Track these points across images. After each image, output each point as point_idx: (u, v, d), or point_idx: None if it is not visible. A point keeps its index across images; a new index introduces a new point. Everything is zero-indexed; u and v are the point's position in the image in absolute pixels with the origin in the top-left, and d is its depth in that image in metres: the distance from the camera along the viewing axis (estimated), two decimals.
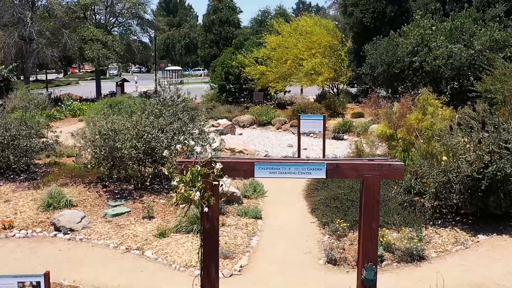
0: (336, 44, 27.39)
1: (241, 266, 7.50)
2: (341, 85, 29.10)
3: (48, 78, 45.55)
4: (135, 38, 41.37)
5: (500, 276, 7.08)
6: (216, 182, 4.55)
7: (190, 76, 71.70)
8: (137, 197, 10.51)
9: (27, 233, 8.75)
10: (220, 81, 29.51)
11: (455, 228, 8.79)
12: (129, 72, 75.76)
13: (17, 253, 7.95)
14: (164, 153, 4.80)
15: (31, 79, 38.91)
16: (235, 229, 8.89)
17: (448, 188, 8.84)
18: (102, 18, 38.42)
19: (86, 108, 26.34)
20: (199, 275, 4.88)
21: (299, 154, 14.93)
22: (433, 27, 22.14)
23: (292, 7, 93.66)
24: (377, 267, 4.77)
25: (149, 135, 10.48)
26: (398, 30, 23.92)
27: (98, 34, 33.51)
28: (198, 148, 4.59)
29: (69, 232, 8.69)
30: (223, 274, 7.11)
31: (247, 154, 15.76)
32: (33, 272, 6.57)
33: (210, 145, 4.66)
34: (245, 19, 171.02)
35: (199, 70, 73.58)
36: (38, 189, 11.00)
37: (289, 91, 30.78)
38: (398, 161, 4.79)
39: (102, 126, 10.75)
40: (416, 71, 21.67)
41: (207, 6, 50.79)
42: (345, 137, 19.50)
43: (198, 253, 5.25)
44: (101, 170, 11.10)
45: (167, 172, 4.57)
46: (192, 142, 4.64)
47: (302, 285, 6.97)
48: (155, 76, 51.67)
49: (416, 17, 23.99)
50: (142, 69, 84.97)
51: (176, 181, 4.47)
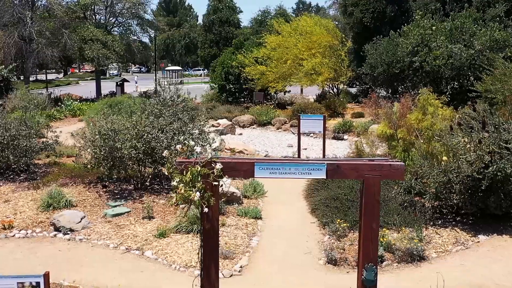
0: (336, 44, 27.38)
1: (241, 267, 7.49)
2: (341, 85, 29.11)
3: (48, 78, 45.54)
4: (135, 38, 41.40)
5: (501, 277, 7.07)
6: (216, 183, 4.54)
7: (190, 76, 71.69)
8: (137, 197, 10.49)
9: (27, 233, 8.73)
10: (220, 81, 29.51)
11: (456, 228, 8.78)
12: (129, 72, 75.76)
13: (17, 254, 7.94)
14: (164, 153, 4.79)
15: (31, 79, 38.89)
16: (235, 229, 8.88)
17: (448, 188, 8.83)
18: (102, 18, 38.46)
19: (86, 108, 26.33)
20: (199, 275, 4.87)
21: (299, 154, 14.92)
22: (433, 27, 22.15)
23: (292, 7, 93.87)
24: (377, 268, 4.76)
25: (149, 135, 10.47)
26: (398, 30, 23.95)
27: (98, 34, 33.51)
28: (198, 148, 4.58)
29: (69, 232, 8.67)
30: (223, 274, 7.11)
31: (247, 154, 15.75)
32: (32, 272, 6.56)
33: (210, 145, 4.65)
34: (245, 19, 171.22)
35: (199, 70, 73.57)
36: (38, 189, 10.99)
37: (289, 91, 30.77)
38: (398, 161, 4.78)
39: (102, 126, 10.74)
40: (416, 71, 21.68)
41: (207, 6, 50.90)
42: (345, 137, 19.49)
43: (198, 254, 5.24)
44: (101, 170, 11.09)
45: (167, 173, 4.56)
46: (192, 142, 4.63)
47: (302, 286, 6.96)
48: (155, 76, 51.68)
49: (416, 17, 24.01)
50: (142, 69, 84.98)
51: (176, 182, 4.46)
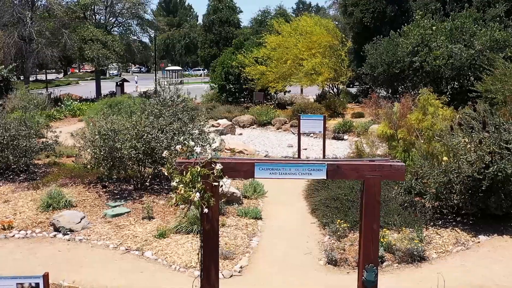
0: (336, 44, 27.37)
1: (241, 267, 7.48)
2: (341, 85, 29.10)
3: (48, 78, 45.51)
4: (135, 38, 41.37)
5: (501, 277, 7.05)
6: (216, 183, 4.53)
7: (190, 76, 71.68)
8: (137, 198, 10.48)
9: (27, 234, 8.72)
10: (220, 81, 29.50)
11: (456, 228, 8.77)
12: (129, 72, 75.75)
13: (16, 254, 7.93)
14: (163, 154, 4.78)
15: (31, 79, 38.87)
16: (235, 230, 8.86)
17: (448, 189, 8.81)
18: (102, 18, 38.44)
19: (86, 108, 26.31)
20: (199, 276, 4.85)
21: (299, 154, 14.91)
22: (434, 27, 22.14)
23: (292, 7, 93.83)
24: (378, 268, 4.75)
25: (148, 135, 10.45)
26: (398, 30, 23.94)
27: (98, 34, 33.49)
28: (198, 149, 4.56)
29: (68, 232, 8.66)
30: (223, 275, 7.09)
31: (247, 154, 15.74)
32: (32, 273, 6.55)
33: (210, 146, 4.64)
34: (245, 19, 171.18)
35: (199, 70, 73.56)
36: (38, 189, 10.97)
37: (289, 91, 30.75)
38: (399, 161, 4.77)
39: (101, 126, 10.72)
40: (416, 71, 21.67)
41: (207, 6, 50.91)
42: (345, 137, 19.48)
43: (198, 254, 5.23)
44: (101, 170, 11.07)
45: (166, 173, 4.55)
46: (192, 143, 4.62)
47: (302, 286, 6.95)
48: (155, 76, 51.69)
49: (416, 17, 24.01)
50: (142, 69, 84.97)
51: (176, 182, 4.45)
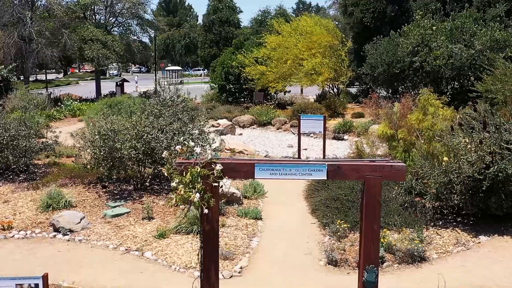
0: (336, 44, 27.35)
1: (241, 267, 7.47)
2: (341, 85, 29.07)
3: (48, 78, 45.47)
4: (135, 38, 41.33)
5: (502, 278, 7.04)
6: (216, 184, 4.52)
7: (190, 76, 71.66)
8: (137, 198, 10.46)
9: (26, 234, 8.70)
10: (220, 81, 29.48)
11: (456, 229, 8.75)
12: (129, 72, 75.73)
13: (16, 254, 7.91)
14: (163, 154, 4.76)
15: (30, 79, 38.84)
16: (235, 230, 8.85)
17: (449, 189, 8.79)
18: (102, 18, 38.41)
19: (85, 108, 26.29)
20: (199, 277, 4.84)
21: (299, 155, 14.89)
22: (434, 27, 22.13)
23: (292, 7, 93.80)
24: (378, 269, 4.73)
25: (148, 135, 10.44)
26: (398, 30, 23.93)
27: (98, 34, 33.47)
28: (197, 149, 4.55)
29: (68, 233, 8.64)
30: (223, 275, 7.08)
31: (247, 154, 15.72)
32: (32, 273, 6.54)
33: (210, 146, 4.63)
34: (245, 19, 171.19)
35: (199, 70, 73.54)
36: (38, 189, 10.95)
37: (289, 91, 30.73)
38: (399, 162, 4.76)
39: (101, 127, 10.70)
40: (416, 71, 21.65)
41: (207, 6, 50.90)
42: (346, 137, 19.46)
43: (198, 255, 5.21)
44: (101, 170, 11.05)
45: (166, 174, 4.53)
46: (191, 143, 4.60)
47: (302, 287, 6.93)
48: (155, 76, 51.67)
49: (416, 17, 23.99)
50: (142, 69, 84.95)
51: (176, 183, 4.44)
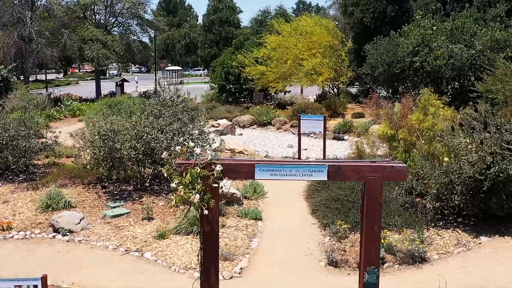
0: (336, 44, 27.33)
1: (241, 268, 7.44)
2: (342, 85, 29.05)
3: (48, 78, 45.44)
4: (135, 38, 41.30)
5: (503, 279, 7.01)
6: (216, 185, 4.49)
7: (190, 76, 71.63)
8: (137, 198, 10.44)
9: (26, 235, 8.67)
10: (220, 81, 29.46)
11: (457, 229, 8.73)
12: (129, 72, 75.70)
13: (15, 255, 7.89)
14: (163, 155, 4.73)
15: (30, 79, 38.81)
16: (235, 231, 8.82)
17: (449, 189, 8.77)
18: (101, 18, 38.38)
19: (85, 108, 26.27)
20: (199, 278, 4.81)
21: (299, 155, 14.87)
22: (434, 27, 22.11)
23: (292, 7, 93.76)
24: (379, 270, 4.71)
25: (148, 135, 10.41)
26: (398, 30, 23.90)
27: (98, 34, 33.45)
28: (197, 150, 4.52)
29: (68, 233, 8.62)
30: (223, 276, 7.05)
31: (247, 154, 15.70)
32: (31, 274, 6.52)
33: (210, 146, 4.61)
34: (245, 19, 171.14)
35: (199, 70, 73.51)
36: (37, 190, 10.93)
37: (289, 91, 30.71)
38: (400, 162, 4.73)
39: (101, 127, 10.68)
40: (416, 71, 21.63)
41: (207, 6, 50.88)
42: (346, 137, 19.44)
43: (197, 255, 5.18)
44: (100, 170, 11.03)
45: (166, 174, 4.51)
46: (191, 144, 4.58)
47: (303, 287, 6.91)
48: (155, 76, 51.64)
49: (416, 17, 23.97)
50: (142, 69, 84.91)
51: (175, 183, 4.41)
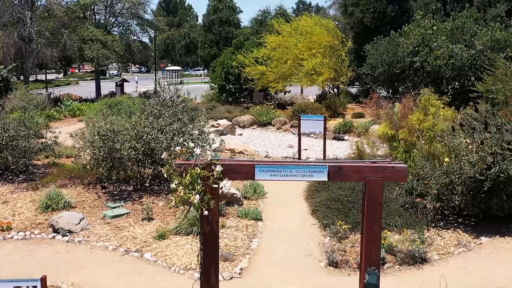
0: (336, 44, 27.30)
1: (241, 269, 7.42)
2: (342, 85, 29.03)
3: (47, 78, 45.39)
4: (135, 38, 41.26)
5: (504, 279, 6.99)
6: (216, 185, 4.48)
7: (190, 76, 71.60)
8: (136, 199, 10.42)
9: (25, 235, 8.66)
10: (220, 81, 29.45)
11: (458, 230, 8.71)
12: (129, 72, 75.67)
13: (15, 255, 7.87)
14: (163, 155, 4.71)
15: (30, 79, 38.77)
16: (235, 231, 8.80)
17: (450, 190, 8.75)
18: (101, 18, 38.36)
19: (85, 108, 26.26)
20: (199, 278, 4.80)
21: (299, 155, 14.85)
22: (434, 27, 22.09)
23: (292, 7, 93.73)
24: (380, 270, 4.69)
25: (148, 136, 10.40)
26: (398, 30, 23.89)
27: (98, 34, 33.43)
28: (197, 150, 4.50)
29: (67, 234, 8.60)
30: (223, 277, 7.03)
31: (247, 154, 15.68)
32: (31, 274, 6.51)
33: (210, 147, 4.59)
34: (245, 19, 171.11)
35: (199, 70, 73.48)
36: (37, 190, 10.91)
37: (289, 91, 30.69)
38: (401, 163, 4.72)
39: (101, 127, 10.66)
40: (417, 71, 21.61)
41: (207, 6, 50.88)
42: (346, 137, 19.42)
43: (197, 256, 5.17)
44: (100, 171, 11.01)
45: (166, 175, 4.49)
46: (191, 144, 4.56)
47: None
48: (155, 76, 51.62)
49: (417, 17, 23.96)
50: (142, 69, 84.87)
51: (175, 184, 4.40)
